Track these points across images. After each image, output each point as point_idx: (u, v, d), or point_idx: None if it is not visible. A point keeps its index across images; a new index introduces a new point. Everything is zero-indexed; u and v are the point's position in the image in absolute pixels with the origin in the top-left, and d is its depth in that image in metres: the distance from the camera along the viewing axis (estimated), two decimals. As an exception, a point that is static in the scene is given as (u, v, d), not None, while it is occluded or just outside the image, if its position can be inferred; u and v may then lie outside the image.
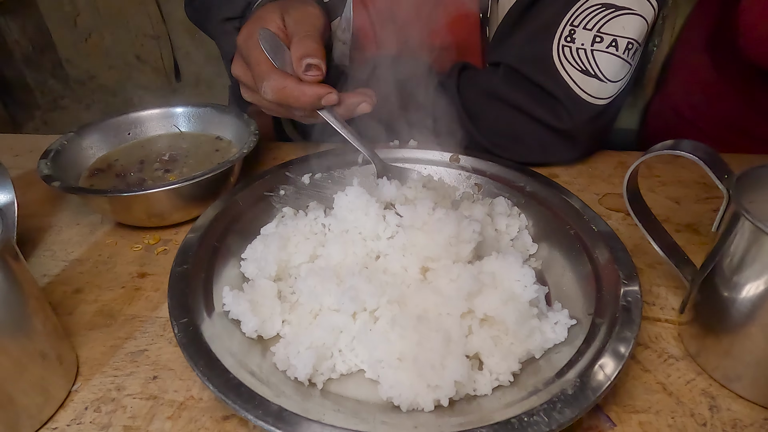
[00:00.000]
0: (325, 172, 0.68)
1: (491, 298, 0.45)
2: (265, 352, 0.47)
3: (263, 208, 0.63)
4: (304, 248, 0.53)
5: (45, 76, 2.22)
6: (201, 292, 0.49)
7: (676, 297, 0.55)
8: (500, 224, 0.58)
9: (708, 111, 0.91)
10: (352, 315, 0.46)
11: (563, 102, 0.69)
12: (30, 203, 0.72)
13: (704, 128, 0.92)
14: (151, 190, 0.60)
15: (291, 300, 0.51)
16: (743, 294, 0.42)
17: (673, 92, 0.97)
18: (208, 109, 0.78)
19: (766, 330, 0.42)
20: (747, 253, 0.41)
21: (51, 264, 0.62)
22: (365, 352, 0.45)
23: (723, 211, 0.44)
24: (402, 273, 0.49)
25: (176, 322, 0.45)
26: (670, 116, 0.97)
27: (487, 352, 0.44)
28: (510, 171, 0.66)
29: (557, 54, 0.68)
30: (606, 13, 0.66)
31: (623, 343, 0.43)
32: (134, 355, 0.50)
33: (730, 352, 0.45)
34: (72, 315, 0.55)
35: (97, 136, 0.74)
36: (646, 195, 0.53)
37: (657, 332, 0.51)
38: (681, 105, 0.95)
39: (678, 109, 0.96)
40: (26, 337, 0.42)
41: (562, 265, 0.55)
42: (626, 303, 0.46)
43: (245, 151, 0.66)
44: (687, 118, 0.94)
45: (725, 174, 0.44)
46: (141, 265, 0.61)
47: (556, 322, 0.47)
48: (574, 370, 0.42)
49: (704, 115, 0.92)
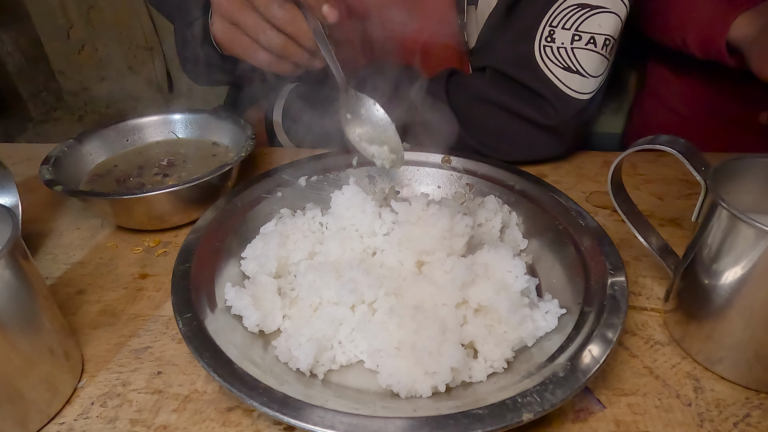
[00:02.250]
0: (320, 175, 0.70)
1: (484, 289, 0.47)
2: (266, 346, 0.49)
3: (261, 209, 0.64)
4: (303, 245, 0.55)
5: (38, 87, 2.23)
6: (203, 288, 0.51)
7: (661, 287, 0.57)
8: (492, 221, 0.61)
9: (689, 97, 0.95)
10: (351, 307, 0.48)
11: (549, 99, 0.73)
12: (30, 209, 0.73)
13: (687, 116, 0.96)
14: (152, 192, 0.61)
15: (291, 296, 0.52)
16: (722, 280, 0.45)
17: (655, 85, 1.01)
18: (205, 115, 0.80)
19: (744, 314, 0.44)
20: (724, 241, 0.44)
21: (53, 267, 0.63)
22: (364, 343, 0.46)
23: (701, 201, 0.46)
24: (398, 267, 0.51)
25: (180, 317, 0.46)
26: (653, 109, 1.01)
27: (482, 340, 0.46)
28: (500, 171, 0.68)
29: (539, 54, 0.72)
30: (582, 12, 0.69)
31: (611, 329, 0.45)
32: (138, 352, 0.51)
33: (711, 336, 0.47)
34: (76, 315, 0.56)
35: (97, 142, 0.75)
36: (631, 192, 0.56)
37: (643, 320, 0.53)
38: (664, 95, 0.99)
39: (661, 99, 0.99)
40: (36, 333, 0.43)
41: (551, 259, 0.57)
42: (613, 292, 0.48)
43: (243, 154, 0.68)
44: (670, 105, 0.97)
45: (703, 166, 0.46)
46: (142, 266, 0.63)
47: (547, 312, 0.49)
48: (564, 354, 0.44)
49: (686, 101, 0.95)
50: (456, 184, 0.70)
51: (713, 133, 0.94)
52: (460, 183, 0.70)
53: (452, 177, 0.70)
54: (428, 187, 0.71)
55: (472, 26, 0.79)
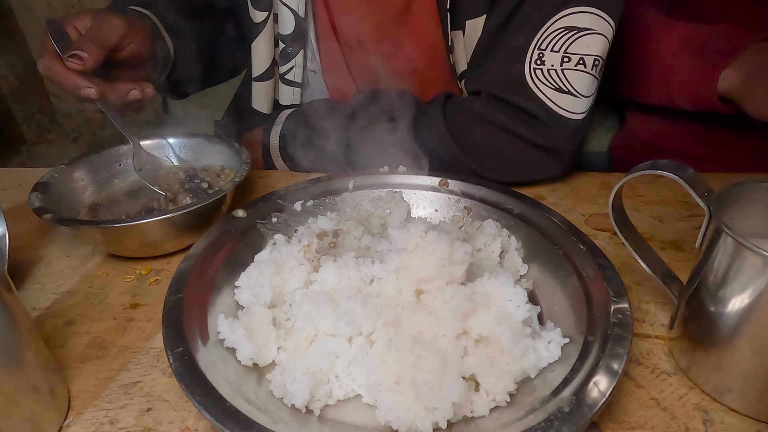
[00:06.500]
0: (317, 199, 0.69)
1: (485, 318, 0.46)
2: (261, 380, 0.47)
3: (256, 235, 0.63)
4: (299, 274, 0.53)
5: (32, 110, 2.23)
6: (195, 320, 0.49)
7: (665, 313, 0.56)
8: (491, 246, 0.59)
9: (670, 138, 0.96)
10: (348, 339, 0.47)
11: (544, 120, 0.73)
12: (19, 236, 0.71)
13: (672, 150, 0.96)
14: (144, 220, 0.60)
15: (286, 326, 0.51)
16: (729, 308, 0.43)
17: (634, 127, 1.02)
18: (200, 139, 0.79)
19: (752, 342, 0.43)
20: (730, 268, 0.43)
21: (41, 297, 0.61)
22: (362, 376, 0.45)
23: (705, 227, 0.46)
24: (396, 296, 0.49)
25: (171, 352, 0.45)
26: (636, 146, 1.02)
27: (483, 373, 0.45)
28: (498, 194, 0.67)
29: (530, 76, 0.72)
30: (570, 35, 0.70)
31: (616, 360, 0.43)
32: (127, 387, 0.49)
33: (719, 366, 0.45)
34: (63, 348, 0.54)
35: (88, 168, 0.74)
36: (630, 214, 0.55)
37: (648, 348, 0.52)
38: (644, 136, 1.00)
39: (643, 140, 1.00)
40: (19, 370, 0.42)
41: (552, 285, 0.56)
42: (617, 320, 0.47)
43: (237, 180, 0.67)
44: (653, 145, 0.98)
45: (705, 192, 0.46)
46: (133, 295, 0.61)
47: (550, 341, 0.48)
48: (569, 387, 0.42)
49: (668, 140, 0.96)
50: (454, 207, 0.69)
51: (700, 156, 0.94)
52: (458, 206, 0.69)
53: (450, 200, 0.70)
54: (425, 211, 0.70)
55: (460, 51, 0.80)
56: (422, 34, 0.84)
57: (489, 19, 0.75)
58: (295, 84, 0.89)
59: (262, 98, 0.89)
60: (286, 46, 0.86)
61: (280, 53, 0.87)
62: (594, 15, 0.69)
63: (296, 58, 0.87)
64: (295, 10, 0.82)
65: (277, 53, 0.87)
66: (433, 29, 0.81)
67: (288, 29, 0.84)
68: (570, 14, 0.70)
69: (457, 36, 0.79)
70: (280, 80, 0.89)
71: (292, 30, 0.84)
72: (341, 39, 0.88)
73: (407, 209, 0.68)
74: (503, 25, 0.74)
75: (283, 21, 0.84)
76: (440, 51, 0.82)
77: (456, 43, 0.80)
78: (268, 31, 0.84)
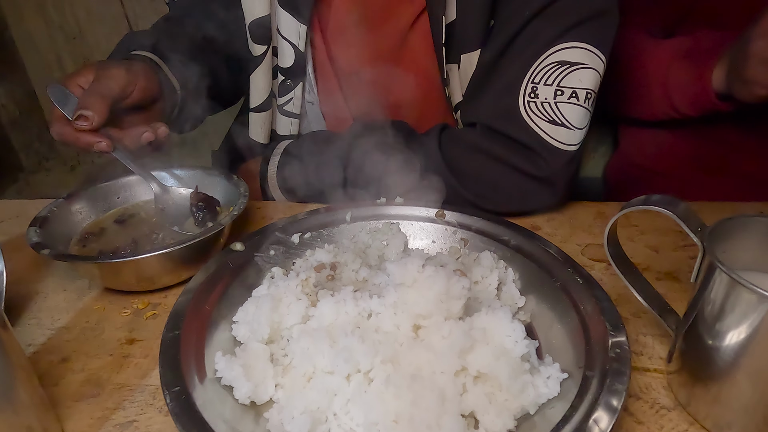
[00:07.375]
0: (314, 231, 0.69)
1: (483, 354, 0.46)
2: (258, 418, 0.46)
3: (254, 269, 0.63)
4: (296, 309, 0.53)
5: (31, 138, 2.24)
6: (192, 357, 0.49)
7: (663, 346, 0.56)
8: (488, 278, 0.60)
9: (663, 161, 0.98)
10: (346, 377, 0.46)
11: (538, 151, 0.74)
12: (16, 269, 0.71)
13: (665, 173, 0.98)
14: (141, 255, 0.60)
15: (284, 363, 0.50)
16: (726, 342, 0.44)
17: (628, 151, 1.04)
18: (198, 171, 0.80)
19: (751, 377, 0.43)
20: (726, 302, 0.43)
21: (37, 332, 0.61)
22: (360, 415, 0.44)
23: (699, 262, 0.46)
24: (394, 331, 0.49)
25: (168, 391, 0.44)
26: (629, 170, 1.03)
27: (482, 410, 0.44)
28: (495, 225, 0.68)
29: (524, 109, 0.74)
30: (562, 69, 0.72)
31: (615, 396, 0.43)
32: (123, 426, 0.49)
33: (718, 400, 0.45)
34: (58, 386, 0.53)
35: (86, 201, 0.74)
36: (625, 244, 0.55)
37: (647, 382, 0.52)
38: (638, 160, 1.01)
39: (636, 164, 1.02)
40: (12, 410, 0.41)
41: (550, 318, 0.56)
42: (615, 354, 0.47)
43: (236, 213, 0.67)
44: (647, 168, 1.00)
45: (698, 227, 0.46)
46: (130, 330, 0.61)
47: (549, 377, 0.47)
48: (569, 425, 0.42)
49: (661, 164, 0.98)
50: (450, 239, 0.69)
51: (692, 179, 0.96)
52: (455, 238, 0.69)
53: (446, 232, 0.70)
54: (423, 242, 0.70)
55: (456, 83, 0.82)
56: (418, 67, 0.86)
57: (483, 53, 0.77)
58: (293, 115, 0.91)
59: (259, 128, 0.91)
60: (286, 78, 0.87)
61: (279, 86, 0.88)
62: (585, 50, 0.71)
63: (295, 90, 0.88)
64: (295, 44, 0.84)
65: (275, 85, 0.89)
66: (429, 62, 0.83)
67: (288, 62, 0.86)
68: (562, 49, 0.71)
69: (453, 69, 0.81)
70: (278, 111, 0.91)
71: (291, 63, 0.86)
72: (338, 71, 0.90)
73: (404, 241, 0.68)
74: (497, 59, 0.76)
75: (282, 54, 0.86)
76: (436, 83, 0.84)
77: (451, 76, 0.82)
78: (267, 64, 0.85)
